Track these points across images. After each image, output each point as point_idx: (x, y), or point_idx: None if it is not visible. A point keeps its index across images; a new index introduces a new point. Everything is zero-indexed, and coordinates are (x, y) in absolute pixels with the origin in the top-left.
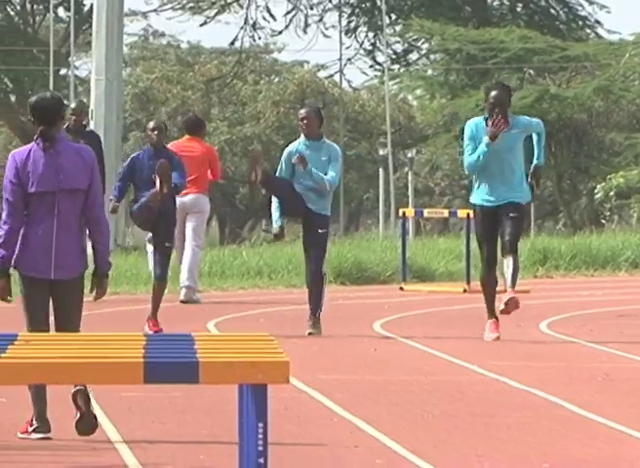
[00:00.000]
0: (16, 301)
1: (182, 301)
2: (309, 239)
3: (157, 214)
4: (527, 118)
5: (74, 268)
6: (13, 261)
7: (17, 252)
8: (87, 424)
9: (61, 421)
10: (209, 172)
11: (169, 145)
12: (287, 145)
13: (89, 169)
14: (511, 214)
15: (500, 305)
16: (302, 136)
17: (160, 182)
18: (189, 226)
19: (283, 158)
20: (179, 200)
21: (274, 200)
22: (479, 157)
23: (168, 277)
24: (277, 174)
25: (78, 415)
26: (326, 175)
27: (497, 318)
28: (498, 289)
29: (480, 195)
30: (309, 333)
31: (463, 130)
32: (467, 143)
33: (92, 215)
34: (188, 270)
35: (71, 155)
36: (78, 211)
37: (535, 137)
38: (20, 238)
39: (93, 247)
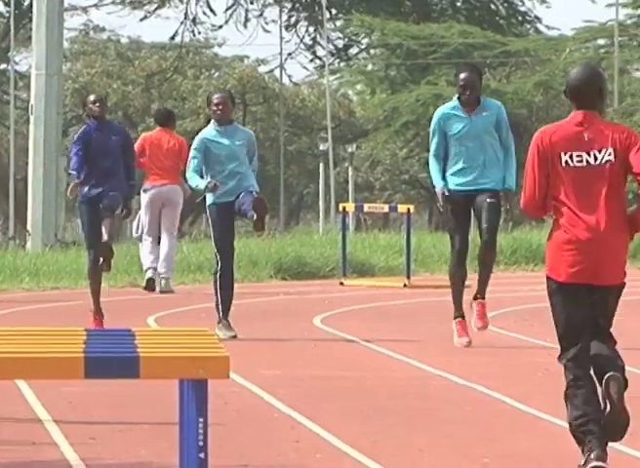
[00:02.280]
0: None
1: (162, 292)
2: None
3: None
4: (496, 102)
5: None
6: None
7: None
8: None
9: (5, 416)
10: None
11: (141, 137)
12: None
13: None
14: (489, 200)
15: (474, 321)
16: (214, 121)
17: (104, 260)
18: (166, 218)
19: (197, 145)
20: (156, 189)
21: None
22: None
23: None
24: (190, 161)
25: None
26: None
27: (463, 317)
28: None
29: (454, 180)
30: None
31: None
32: (433, 135)
33: None
34: (166, 261)
35: None
36: None
37: (510, 162)
38: None
39: None
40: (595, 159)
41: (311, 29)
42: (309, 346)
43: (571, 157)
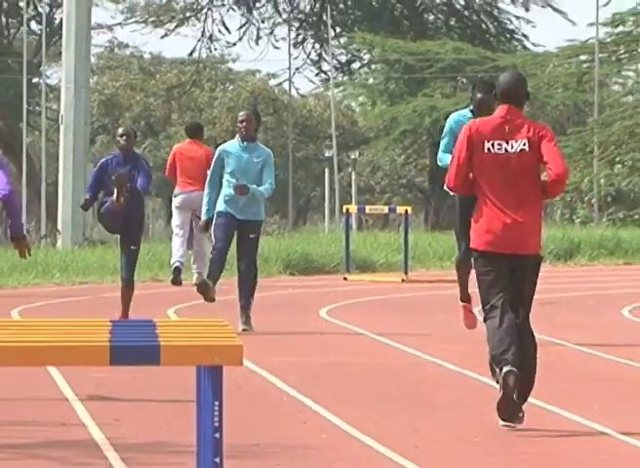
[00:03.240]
0: None
1: (194, 284)
2: (242, 243)
3: (123, 219)
4: None
5: None
6: None
7: None
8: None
9: (38, 399)
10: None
11: (172, 149)
12: None
13: None
14: None
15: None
16: (239, 137)
17: (117, 193)
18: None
19: (217, 155)
20: (185, 195)
21: (206, 194)
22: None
23: (134, 280)
24: (211, 169)
25: None
26: (261, 184)
27: (469, 301)
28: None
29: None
30: (243, 330)
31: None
32: (444, 136)
33: None
34: (201, 258)
35: None
36: None
37: None
38: None
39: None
40: (512, 147)
41: (317, 46)
42: (316, 336)
43: (492, 145)
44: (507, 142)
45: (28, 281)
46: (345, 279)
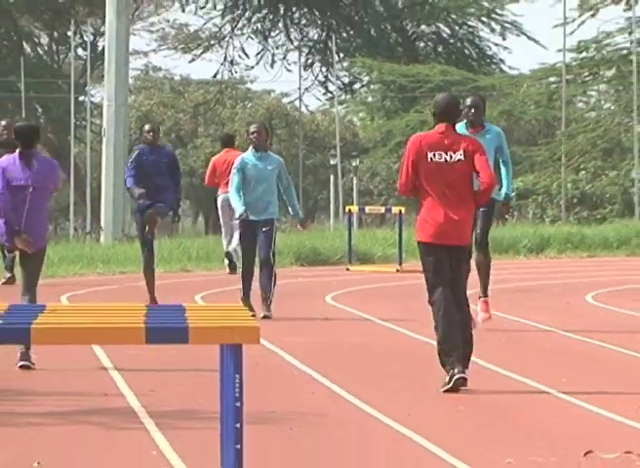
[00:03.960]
0: None
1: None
2: (260, 238)
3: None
4: (497, 128)
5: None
6: None
7: None
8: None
9: (83, 372)
10: None
11: (211, 161)
12: None
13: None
14: (483, 209)
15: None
16: (252, 147)
17: (149, 226)
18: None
19: (237, 164)
20: (225, 195)
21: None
22: None
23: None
24: (232, 178)
25: None
26: (284, 187)
27: (485, 299)
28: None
29: None
30: (264, 316)
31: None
32: None
33: None
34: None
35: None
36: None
37: (503, 169)
38: None
39: None
40: (450, 157)
41: (324, 69)
42: (322, 319)
43: (434, 155)
44: (447, 153)
45: (75, 271)
46: (348, 269)
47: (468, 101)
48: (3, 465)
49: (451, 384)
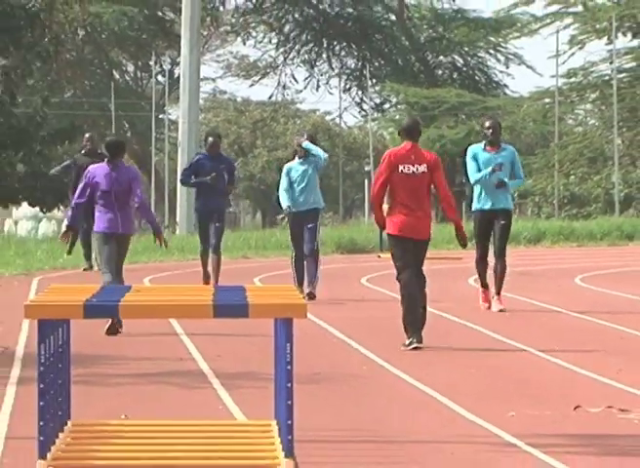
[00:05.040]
0: None
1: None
2: (306, 231)
3: (210, 207)
4: (511, 147)
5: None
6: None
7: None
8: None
9: (163, 341)
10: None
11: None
12: None
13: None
14: (502, 222)
15: (493, 306)
16: (297, 156)
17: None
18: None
19: (285, 171)
20: None
21: (282, 191)
22: (484, 176)
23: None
24: (281, 182)
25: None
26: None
27: (487, 287)
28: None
29: (480, 203)
30: (309, 297)
31: (465, 152)
32: (470, 163)
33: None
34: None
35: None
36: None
37: (517, 182)
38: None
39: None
40: (417, 170)
41: (359, 92)
42: (358, 297)
43: (404, 168)
44: (413, 165)
45: (156, 258)
46: (379, 256)
47: (487, 124)
48: (97, 416)
49: (409, 348)
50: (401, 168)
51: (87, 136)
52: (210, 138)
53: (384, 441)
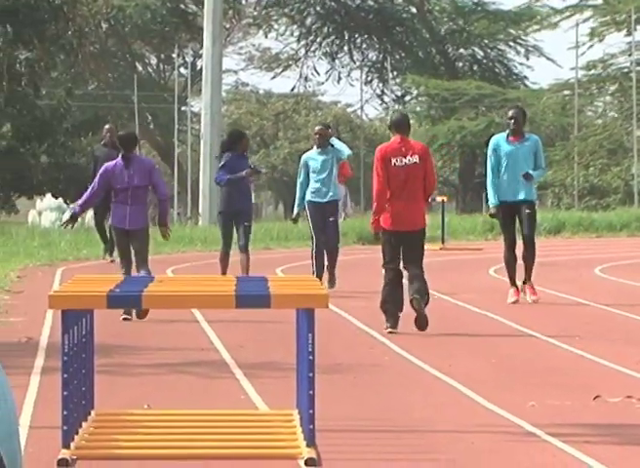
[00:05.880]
0: None
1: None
2: (327, 225)
3: (237, 206)
4: (535, 136)
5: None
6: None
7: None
8: (421, 322)
9: (185, 330)
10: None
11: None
12: None
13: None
14: (527, 211)
15: (524, 296)
16: (315, 145)
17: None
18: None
19: (302, 161)
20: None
21: (298, 191)
22: (491, 199)
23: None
24: (299, 173)
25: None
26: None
27: (517, 287)
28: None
29: (503, 194)
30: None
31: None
32: (489, 157)
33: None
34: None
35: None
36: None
37: (539, 172)
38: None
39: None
40: (409, 161)
41: (380, 84)
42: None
43: (396, 160)
44: (405, 157)
45: (179, 249)
46: None
47: (510, 113)
48: (119, 406)
49: (387, 331)
50: (393, 161)
51: (106, 127)
52: (243, 138)
53: (405, 430)
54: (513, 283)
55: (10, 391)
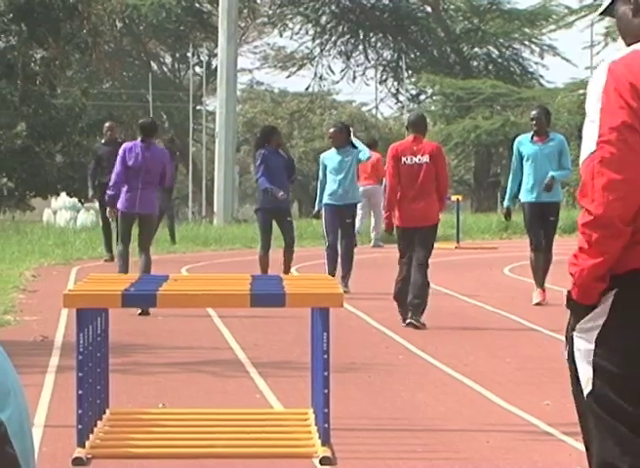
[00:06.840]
0: None
1: (372, 246)
2: (345, 226)
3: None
4: (560, 136)
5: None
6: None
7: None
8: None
9: (199, 329)
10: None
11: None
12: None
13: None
14: (551, 219)
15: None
16: (333, 147)
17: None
18: (375, 206)
19: (320, 161)
20: (363, 187)
21: (319, 189)
22: (507, 200)
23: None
24: (320, 173)
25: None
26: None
27: (543, 288)
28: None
29: (527, 195)
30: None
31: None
32: (514, 158)
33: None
34: (374, 229)
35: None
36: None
37: (564, 172)
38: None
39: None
40: (419, 160)
41: (395, 83)
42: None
43: (407, 159)
44: (415, 156)
45: (193, 248)
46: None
47: (532, 114)
48: (134, 405)
49: (404, 324)
50: (404, 159)
51: (107, 124)
52: (274, 133)
53: (420, 429)
54: (537, 281)
55: (22, 389)
